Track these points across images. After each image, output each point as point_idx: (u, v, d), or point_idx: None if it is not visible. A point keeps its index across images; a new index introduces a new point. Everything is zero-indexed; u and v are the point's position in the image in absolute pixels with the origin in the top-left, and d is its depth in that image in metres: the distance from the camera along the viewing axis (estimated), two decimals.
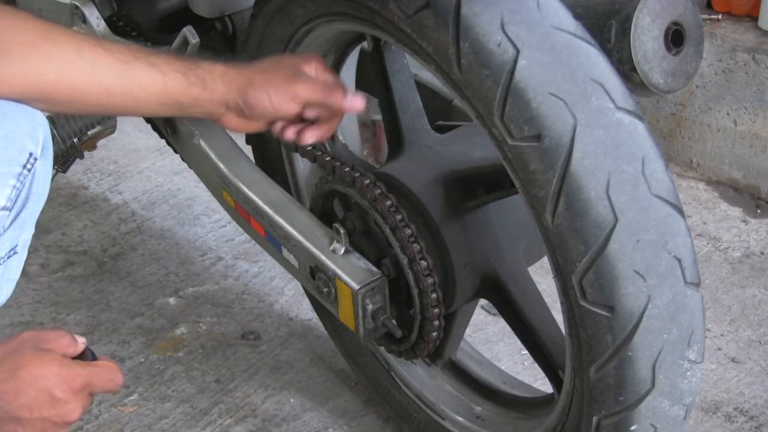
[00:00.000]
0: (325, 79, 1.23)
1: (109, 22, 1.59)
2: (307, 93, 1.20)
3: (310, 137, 1.25)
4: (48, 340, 0.99)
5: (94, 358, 1.03)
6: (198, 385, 1.81)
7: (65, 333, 1.01)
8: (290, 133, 1.25)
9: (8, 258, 1.12)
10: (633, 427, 1.09)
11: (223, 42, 1.60)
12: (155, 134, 1.64)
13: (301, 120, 1.25)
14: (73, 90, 1.11)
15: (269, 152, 1.61)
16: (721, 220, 2.32)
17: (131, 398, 1.77)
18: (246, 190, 1.42)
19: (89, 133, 1.59)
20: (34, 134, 1.08)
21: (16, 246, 1.12)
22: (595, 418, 1.12)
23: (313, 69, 1.22)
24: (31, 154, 1.07)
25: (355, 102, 1.23)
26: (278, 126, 1.25)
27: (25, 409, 0.96)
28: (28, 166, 1.07)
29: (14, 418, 0.96)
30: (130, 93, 1.15)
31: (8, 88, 1.07)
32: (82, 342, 1.02)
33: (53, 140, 1.36)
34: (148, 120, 1.63)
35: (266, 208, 1.39)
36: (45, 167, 1.11)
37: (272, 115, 1.21)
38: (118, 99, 1.15)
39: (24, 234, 1.12)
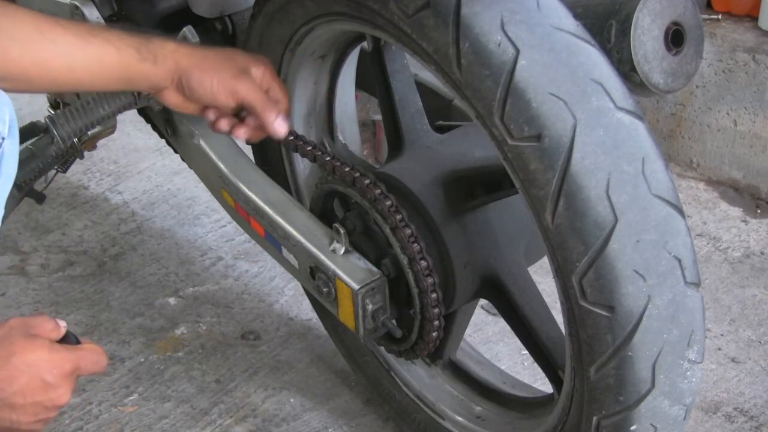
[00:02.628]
0: (268, 88, 1.27)
1: (109, 22, 1.59)
2: (246, 94, 1.24)
3: (243, 134, 1.29)
4: (34, 326, 1.01)
5: (77, 341, 1.06)
6: (198, 385, 1.81)
7: (49, 318, 1.03)
8: (224, 125, 1.28)
9: None
10: (633, 427, 1.09)
11: (223, 42, 1.60)
12: (155, 134, 1.64)
13: (235, 115, 1.29)
14: (36, 66, 1.13)
15: (269, 152, 1.61)
16: (721, 220, 2.32)
17: (131, 398, 1.77)
18: (246, 190, 1.42)
19: (89, 133, 1.59)
20: (1, 114, 1.09)
21: None
22: (595, 418, 1.12)
23: (260, 72, 1.26)
24: None
25: (279, 127, 1.26)
26: (212, 114, 1.28)
27: (19, 395, 0.98)
28: None
29: (8, 404, 0.98)
30: (88, 68, 1.17)
31: None
32: (63, 326, 1.04)
33: (53, 140, 1.36)
34: (148, 120, 1.63)
35: (266, 208, 1.39)
36: (12, 147, 1.12)
37: (209, 101, 1.25)
38: (76, 74, 1.17)
39: None
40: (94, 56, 1.16)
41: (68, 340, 1.04)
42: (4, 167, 1.11)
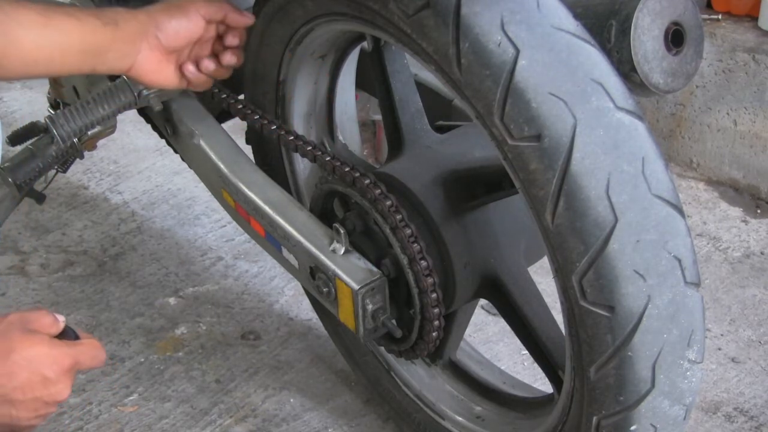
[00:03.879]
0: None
1: None
2: (206, 9, 1.28)
3: (230, 58, 1.33)
4: (33, 321, 1.02)
5: (76, 335, 1.06)
6: (198, 385, 1.81)
7: (47, 312, 1.03)
8: (207, 63, 1.32)
9: None
10: (633, 427, 1.09)
11: None
12: (155, 134, 1.64)
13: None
14: (7, 49, 1.14)
15: (269, 152, 1.61)
16: (721, 220, 2.32)
17: (131, 398, 1.77)
18: (246, 190, 1.42)
19: (89, 133, 1.59)
20: None
21: None
22: (595, 418, 1.12)
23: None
24: None
25: (246, 16, 1.33)
26: (191, 67, 1.31)
27: (19, 391, 0.98)
28: None
29: (8, 400, 0.98)
30: (54, 42, 1.18)
31: None
32: (62, 320, 1.04)
33: (53, 140, 1.37)
34: (148, 120, 1.63)
35: (266, 208, 1.39)
36: None
37: (185, 34, 1.28)
38: (45, 52, 1.18)
39: None
40: (59, 30, 1.18)
41: (67, 334, 1.05)
42: None
